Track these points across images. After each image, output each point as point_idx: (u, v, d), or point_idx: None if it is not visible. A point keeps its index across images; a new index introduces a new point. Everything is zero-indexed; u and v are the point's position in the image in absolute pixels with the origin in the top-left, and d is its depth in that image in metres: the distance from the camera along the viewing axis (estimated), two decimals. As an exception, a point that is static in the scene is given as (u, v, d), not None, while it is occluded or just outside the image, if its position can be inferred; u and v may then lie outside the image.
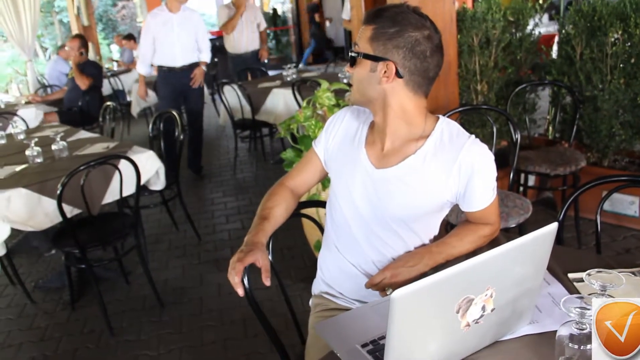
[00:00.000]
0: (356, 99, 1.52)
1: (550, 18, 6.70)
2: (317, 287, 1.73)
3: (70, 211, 2.87)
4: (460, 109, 2.89)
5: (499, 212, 1.60)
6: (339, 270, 1.62)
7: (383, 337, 1.19)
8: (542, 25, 3.84)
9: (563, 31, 3.56)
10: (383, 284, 1.47)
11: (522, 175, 3.50)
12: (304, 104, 2.91)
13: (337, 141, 1.62)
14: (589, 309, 1.11)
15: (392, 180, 1.47)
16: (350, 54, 1.47)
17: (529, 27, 3.64)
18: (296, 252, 3.54)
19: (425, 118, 1.49)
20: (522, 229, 2.69)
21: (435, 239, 1.60)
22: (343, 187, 1.56)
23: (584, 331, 1.07)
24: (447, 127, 1.48)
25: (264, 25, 6.67)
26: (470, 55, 3.38)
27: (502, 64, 3.52)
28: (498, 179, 1.54)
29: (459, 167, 1.43)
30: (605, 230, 3.47)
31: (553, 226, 1.09)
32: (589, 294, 1.23)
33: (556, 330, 1.15)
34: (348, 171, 1.55)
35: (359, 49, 1.44)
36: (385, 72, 1.41)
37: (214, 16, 11.25)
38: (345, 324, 1.28)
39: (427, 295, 0.95)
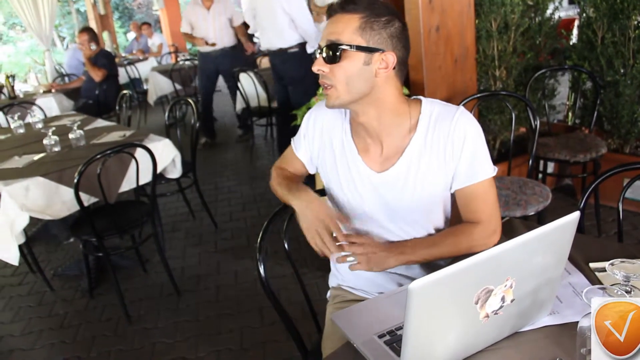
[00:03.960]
0: (343, 100, 1.35)
1: (571, 1, 6.57)
2: (334, 280, 1.72)
3: (88, 200, 2.89)
4: (478, 95, 2.85)
5: (497, 215, 1.46)
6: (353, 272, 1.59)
7: (400, 328, 1.17)
8: (562, 9, 3.75)
9: (584, 15, 3.48)
10: (353, 248, 1.40)
11: (541, 163, 3.45)
12: (319, 90, 2.88)
13: (323, 146, 1.53)
14: (612, 300, 1.09)
15: (397, 179, 1.44)
16: (329, 49, 1.31)
17: (549, 11, 3.56)
18: (312, 241, 3.52)
19: (409, 104, 1.44)
20: (541, 217, 2.65)
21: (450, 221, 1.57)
22: (349, 198, 1.50)
23: (607, 323, 1.04)
24: (432, 107, 1.43)
25: (238, 19, 5.95)
26: (489, 41, 3.32)
27: (521, 49, 3.45)
28: (516, 166, 1.49)
29: (452, 140, 1.39)
30: (626, 218, 3.41)
31: (575, 215, 1.06)
32: (612, 285, 1.21)
33: (577, 322, 1.11)
34: (348, 183, 1.49)
35: (344, 41, 1.30)
36: (381, 63, 1.33)
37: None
38: (361, 314, 1.27)
39: (445, 286, 0.93)
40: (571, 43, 3.87)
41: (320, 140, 1.53)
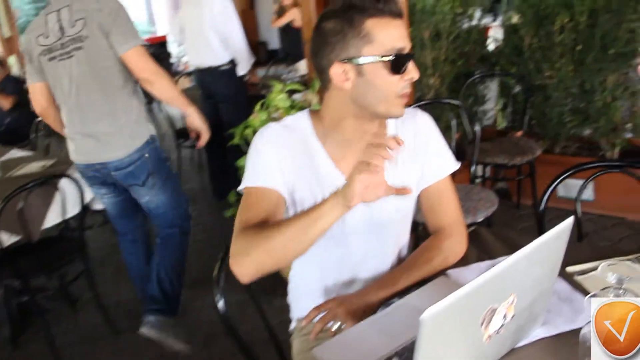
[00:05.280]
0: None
1: (488, 10, 6.82)
2: (298, 312, 1.59)
3: (7, 239, 2.61)
4: (419, 104, 2.83)
5: (462, 219, 1.45)
6: (324, 292, 1.48)
7: (392, 356, 1.08)
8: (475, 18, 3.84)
9: (508, 22, 3.58)
10: (328, 316, 1.26)
11: (479, 168, 3.49)
12: (257, 107, 2.77)
13: (294, 168, 1.34)
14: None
15: None
16: (411, 57, 1.25)
17: (475, 20, 3.64)
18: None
19: None
20: (490, 222, 2.65)
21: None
22: None
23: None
24: None
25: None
26: (422, 49, 3.34)
27: (452, 56, 3.50)
28: (457, 172, 1.46)
29: (420, 136, 1.40)
30: (561, 216, 3.48)
31: (569, 221, 1.02)
32: (603, 289, 1.17)
33: (571, 330, 1.11)
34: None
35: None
36: None
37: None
38: (346, 345, 1.15)
39: (455, 311, 0.84)
40: (490, 50, 3.95)
41: (291, 163, 1.34)
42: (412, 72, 1.24)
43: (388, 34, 1.21)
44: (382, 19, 1.21)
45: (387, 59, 1.21)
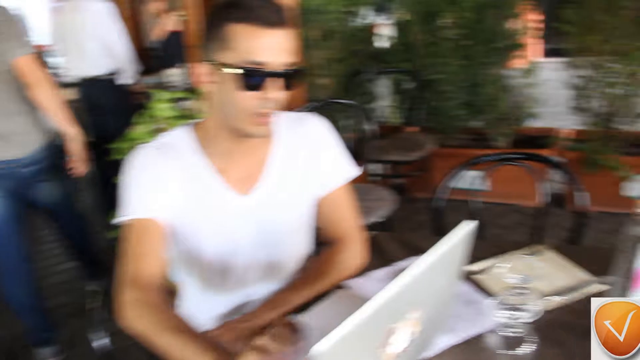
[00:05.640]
0: None
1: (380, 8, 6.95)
2: None
3: None
4: (312, 106, 2.75)
5: (360, 227, 1.36)
6: (216, 317, 1.34)
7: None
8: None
9: (399, 19, 3.62)
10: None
11: (376, 166, 3.48)
12: (137, 118, 2.55)
13: (177, 188, 1.21)
14: (522, 310, 1.02)
15: (268, 196, 1.26)
16: (295, 74, 1.13)
17: (365, 18, 3.64)
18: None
19: None
20: (389, 222, 2.61)
21: None
22: (210, 241, 1.25)
23: (516, 335, 0.99)
24: (280, 115, 1.26)
25: None
26: (313, 49, 3.27)
27: (343, 55, 3.47)
28: None
29: (312, 139, 1.31)
30: (457, 207, 3.53)
31: (472, 224, 0.96)
32: (504, 289, 1.14)
33: (479, 335, 1.08)
34: (211, 219, 1.23)
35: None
36: None
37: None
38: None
39: (352, 339, 0.74)
40: (383, 47, 3.98)
41: (170, 184, 1.21)
42: (269, 92, 1.10)
43: (248, 44, 1.08)
44: (248, 26, 1.07)
45: (238, 71, 1.08)
